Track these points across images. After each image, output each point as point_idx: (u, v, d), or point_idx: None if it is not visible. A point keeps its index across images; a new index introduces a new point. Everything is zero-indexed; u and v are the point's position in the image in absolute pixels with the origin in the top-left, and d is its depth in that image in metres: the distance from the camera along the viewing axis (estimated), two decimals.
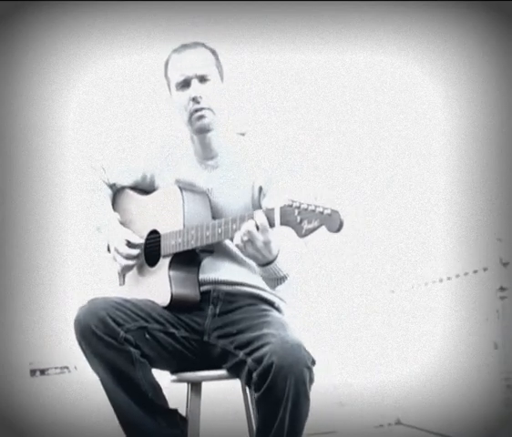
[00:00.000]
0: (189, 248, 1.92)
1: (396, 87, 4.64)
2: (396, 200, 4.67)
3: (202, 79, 1.98)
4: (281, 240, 1.80)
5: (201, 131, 2.00)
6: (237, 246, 1.76)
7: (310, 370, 1.71)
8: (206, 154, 2.06)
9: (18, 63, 6.12)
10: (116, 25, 5.78)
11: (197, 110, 1.97)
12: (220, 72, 2.06)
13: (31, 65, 6.16)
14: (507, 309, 3.35)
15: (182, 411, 1.95)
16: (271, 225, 1.70)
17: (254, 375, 1.73)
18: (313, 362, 1.73)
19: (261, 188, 2.00)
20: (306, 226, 1.62)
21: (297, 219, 1.63)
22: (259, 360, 1.73)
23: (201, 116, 1.97)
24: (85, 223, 2.20)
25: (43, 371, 5.69)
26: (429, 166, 4.34)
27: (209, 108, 1.98)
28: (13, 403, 3.91)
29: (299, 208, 1.64)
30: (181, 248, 1.94)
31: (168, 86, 2.06)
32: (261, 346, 1.75)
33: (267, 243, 1.73)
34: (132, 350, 1.85)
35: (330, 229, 1.61)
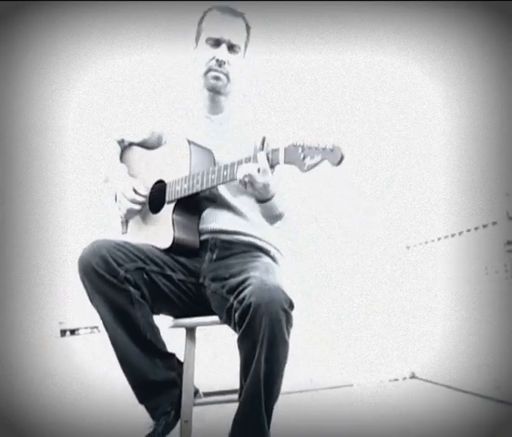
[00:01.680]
0: (195, 191, 1.98)
1: (396, 87, 4.64)
2: (396, 200, 4.67)
3: (231, 48, 2.09)
4: (280, 181, 1.91)
5: (213, 89, 2.11)
6: (239, 182, 1.86)
7: (286, 312, 1.75)
8: (213, 109, 2.16)
9: (18, 63, 6.12)
10: (116, 25, 5.79)
11: (216, 70, 2.08)
12: (246, 48, 2.16)
13: (31, 65, 6.16)
14: None
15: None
16: (276, 163, 1.80)
17: (236, 315, 1.79)
18: (291, 306, 1.77)
19: (264, 139, 2.08)
20: (309, 161, 1.73)
21: (300, 157, 1.74)
22: (241, 302, 1.79)
23: (217, 77, 2.08)
24: (92, 177, 2.27)
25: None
26: (429, 166, 4.34)
27: (226, 74, 2.09)
28: (13, 403, 3.91)
29: (302, 146, 1.73)
30: (187, 193, 2.00)
31: (199, 34, 2.15)
32: (244, 288, 1.81)
33: (266, 185, 1.84)
34: (132, 289, 1.91)
35: (332, 163, 1.71)
